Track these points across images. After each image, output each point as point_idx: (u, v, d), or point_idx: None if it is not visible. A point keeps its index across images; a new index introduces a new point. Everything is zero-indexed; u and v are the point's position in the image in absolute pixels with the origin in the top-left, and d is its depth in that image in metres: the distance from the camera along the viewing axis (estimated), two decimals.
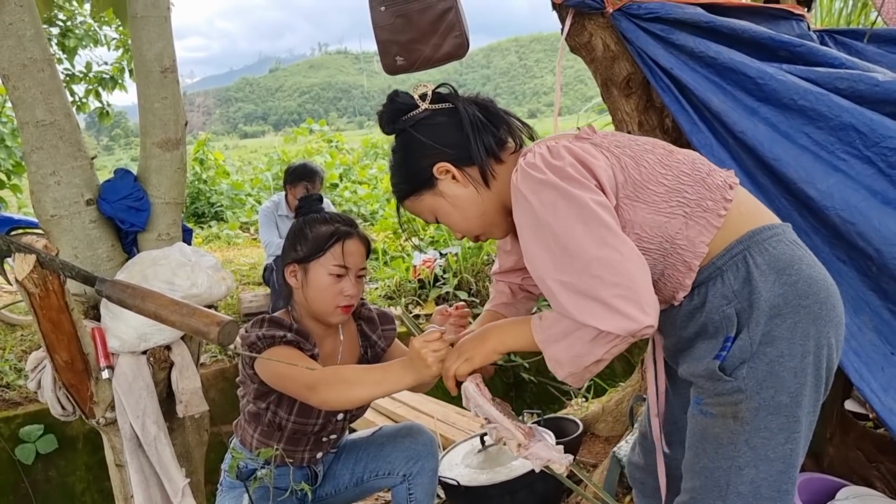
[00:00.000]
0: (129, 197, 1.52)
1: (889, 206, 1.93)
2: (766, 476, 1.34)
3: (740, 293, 1.30)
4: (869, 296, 1.97)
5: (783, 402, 1.30)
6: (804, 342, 1.29)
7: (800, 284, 1.29)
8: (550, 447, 1.43)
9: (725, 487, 1.38)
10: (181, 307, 1.08)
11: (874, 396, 1.90)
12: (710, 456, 1.39)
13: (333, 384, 1.61)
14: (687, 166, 1.34)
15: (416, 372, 1.49)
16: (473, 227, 1.47)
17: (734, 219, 1.33)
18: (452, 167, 1.38)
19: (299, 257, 1.84)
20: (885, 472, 2.51)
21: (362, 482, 2.13)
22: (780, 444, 1.32)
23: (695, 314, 1.36)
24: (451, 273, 5.74)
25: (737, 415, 1.32)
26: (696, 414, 1.42)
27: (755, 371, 1.29)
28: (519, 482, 2.39)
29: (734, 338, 1.30)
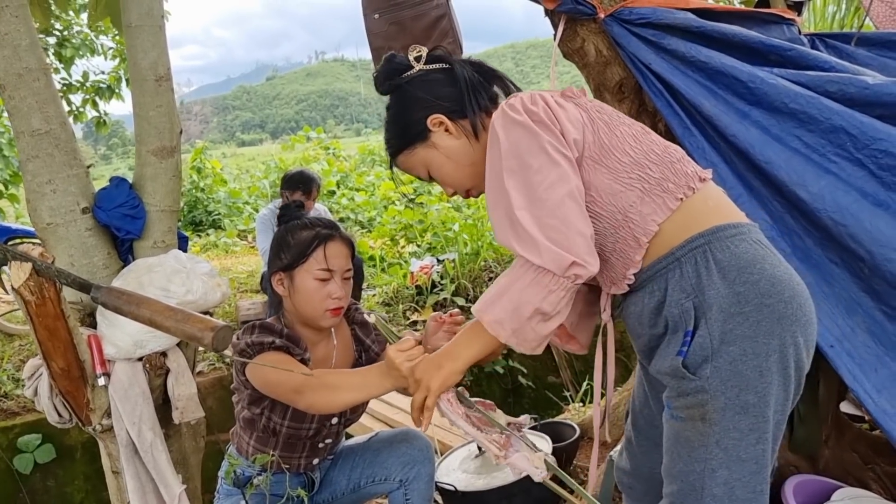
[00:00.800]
0: (125, 205, 1.53)
1: (880, 207, 1.95)
2: (740, 477, 1.34)
3: (696, 287, 1.31)
4: (862, 297, 1.98)
5: (750, 401, 1.30)
6: (768, 341, 1.29)
7: (762, 283, 1.29)
8: (528, 458, 1.43)
9: (701, 490, 1.38)
10: (176, 313, 1.09)
11: (868, 398, 1.91)
12: (684, 460, 1.39)
13: (318, 389, 1.62)
14: (658, 147, 1.37)
15: (393, 379, 1.51)
16: (464, 179, 1.51)
17: (698, 210, 1.35)
18: (446, 119, 1.43)
19: (284, 265, 1.85)
20: (880, 473, 2.52)
21: (359, 488, 2.14)
22: (752, 445, 1.32)
23: (660, 309, 1.36)
24: (449, 279, 5.75)
25: (704, 416, 1.32)
26: (668, 419, 1.42)
27: (718, 370, 1.29)
28: (516, 487, 2.40)
29: (693, 332, 1.31)
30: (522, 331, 1.31)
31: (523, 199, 1.27)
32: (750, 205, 2.02)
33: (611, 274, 1.43)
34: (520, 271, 1.28)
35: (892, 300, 1.93)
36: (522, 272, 1.27)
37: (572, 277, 1.26)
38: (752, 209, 2.03)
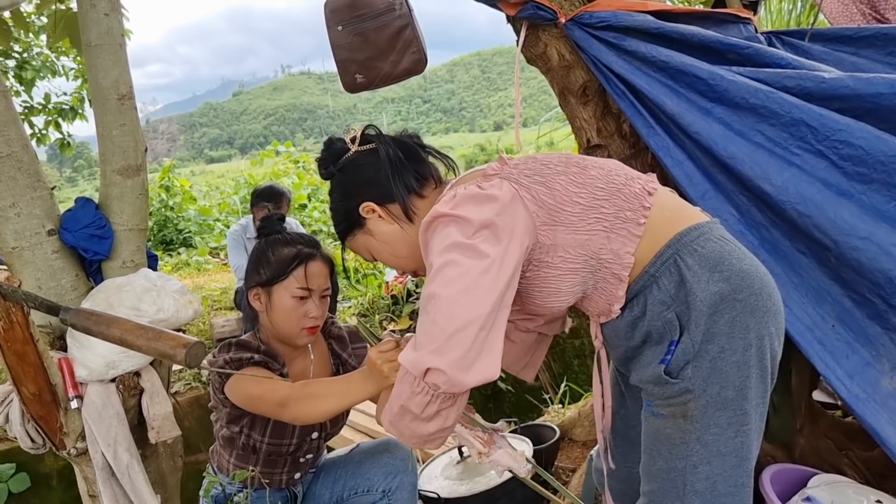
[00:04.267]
0: (91, 225, 1.51)
1: (843, 197, 1.99)
2: (721, 471, 1.36)
3: (677, 297, 1.31)
4: (830, 286, 2.02)
5: (729, 396, 1.31)
6: (744, 335, 1.31)
7: (733, 279, 1.30)
8: (511, 455, 1.44)
9: (682, 487, 1.39)
10: (147, 331, 1.08)
11: (840, 384, 1.95)
12: (665, 457, 1.40)
13: (302, 399, 1.62)
14: (601, 181, 1.34)
15: (375, 382, 1.51)
16: (404, 263, 1.49)
17: (658, 224, 1.35)
18: (376, 206, 1.41)
19: (262, 280, 1.83)
20: (854, 459, 2.56)
21: (342, 500, 2.13)
22: (731, 438, 1.34)
23: (637, 323, 1.37)
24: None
25: (686, 414, 1.34)
26: (647, 416, 1.43)
27: (699, 369, 1.30)
28: (499, 491, 2.40)
29: (678, 341, 1.32)
30: (397, 425, 1.29)
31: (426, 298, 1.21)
32: (716, 200, 2.05)
33: (595, 309, 1.44)
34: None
35: (859, 287, 1.97)
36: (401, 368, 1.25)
37: (431, 386, 1.18)
38: (719, 204, 2.06)
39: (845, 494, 1.96)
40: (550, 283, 1.33)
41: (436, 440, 1.28)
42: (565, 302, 1.38)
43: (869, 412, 1.91)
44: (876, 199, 2.01)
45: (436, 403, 1.21)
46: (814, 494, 1.91)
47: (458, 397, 1.22)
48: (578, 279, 1.34)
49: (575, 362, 6.29)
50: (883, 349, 2.00)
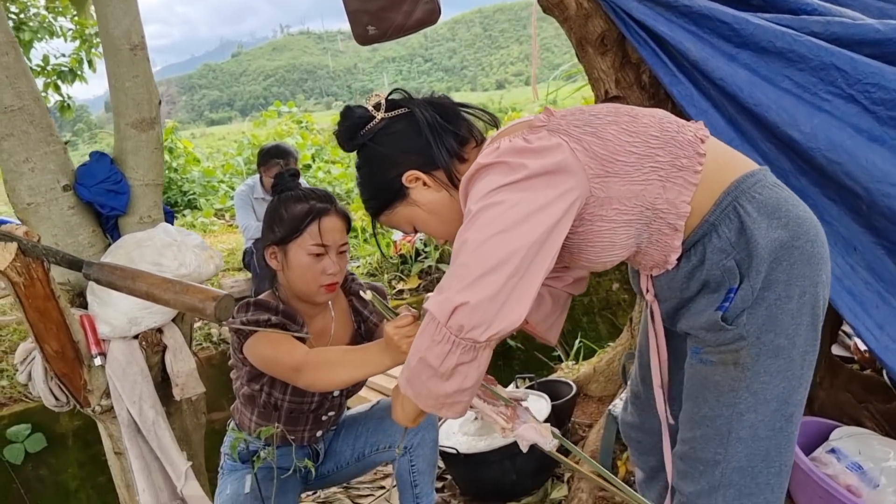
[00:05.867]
0: (108, 180, 1.48)
1: (875, 143, 1.93)
2: (763, 418, 1.36)
3: (737, 244, 1.29)
4: (861, 235, 1.98)
5: (781, 344, 1.31)
6: (801, 283, 1.29)
7: (791, 226, 1.29)
8: (535, 428, 1.42)
9: (727, 434, 1.39)
10: (174, 285, 1.05)
11: (869, 334, 1.92)
12: (711, 404, 1.39)
13: (317, 366, 1.60)
14: (654, 128, 1.30)
15: (392, 355, 1.48)
16: (453, 230, 1.43)
17: (713, 172, 1.31)
18: (421, 174, 1.35)
19: (277, 239, 1.80)
20: (873, 411, 2.55)
21: (364, 457, 2.13)
22: (776, 385, 1.34)
23: (695, 273, 1.35)
24: (433, 247, 5.72)
25: (737, 361, 1.33)
26: (695, 363, 1.42)
27: (755, 317, 1.29)
28: (517, 446, 2.39)
29: (737, 288, 1.30)
30: (413, 382, 1.22)
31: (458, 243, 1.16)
32: (742, 149, 2.00)
33: (649, 262, 1.40)
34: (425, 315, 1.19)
35: (891, 235, 1.93)
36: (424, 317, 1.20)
37: (455, 329, 1.12)
38: (745, 153, 2.01)
39: (870, 445, 1.95)
40: (605, 236, 1.29)
41: (454, 405, 1.22)
42: (619, 256, 1.34)
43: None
44: None
45: (456, 354, 1.15)
46: (839, 446, 1.90)
47: (480, 354, 1.16)
48: (633, 231, 1.30)
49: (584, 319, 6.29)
50: None
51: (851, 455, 1.85)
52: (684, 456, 1.49)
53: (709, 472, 1.43)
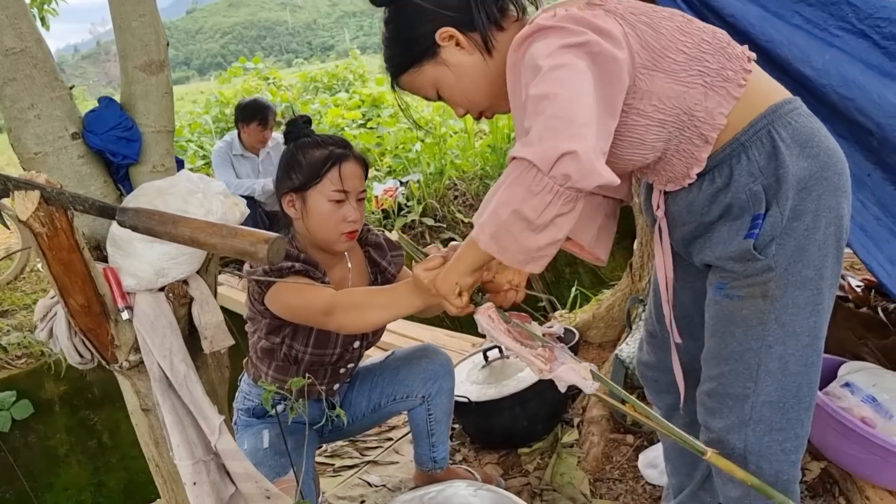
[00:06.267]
0: (119, 127, 1.40)
1: (887, 78, 1.93)
2: (794, 351, 1.37)
3: (766, 169, 1.28)
4: (872, 170, 1.99)
5: (809, 276, 1.32)
6: (828, 214, 1.29)
7: (821, 157, 1.29)
8: (575, 370, 1.39)
9: (756, 368, 1.40)
10: (221, 228, 1.00)
11: (881, 269, 1.94)
12: (739, 339, 1.40)
13: (348, 308, 1.56)
14: (707, 34, 1.29)
15: (423, 297, 1.44)
16: (480, 99, 1.40)
17: (754, 93, 1.30)
18: (457, 32, 1.31)
19: (295, 186, 1.76)
20: (872, 347, 2.60)
21: (380, 408, 2.11)
22: (806, 318, 1.35)
23: (718, 196, 1.34)
24: (415, 200, 5.67)
25: (766, 293, 1.33)
26: (720, 299, 1.42)
27: (784, 247, 1.30)
28: (529, 392, 2.41)
29: (764, 215, 1.29)
30: (501, 237, 1.15)
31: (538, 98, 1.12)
32: None
33: (669, 174, 1.38)
34: (509, 168, 1.14)
35: None
36: (511, 169, 1.13)
37: (560, 178, 1.06)
38: None
39: (883, 378, 1.98)
40: (636, 131, 1.28)
41: (541, 258, 1.16)
42: (644, 156, 1.32)
43: None
44: None
45: (556, 205, 1.09)
46: (852, 380, 1.93)
47: (577, 205, 1.11)
48: (664, 133, 1.28)
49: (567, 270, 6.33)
50: None
51: (866, 388, 1.88)
52: (712, 393, 1.50)
53: (738, 406, 1.44)
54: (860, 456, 1.88)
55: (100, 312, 1.24)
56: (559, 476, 2.26)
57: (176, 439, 1.31)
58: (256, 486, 1.44)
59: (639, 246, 2.82)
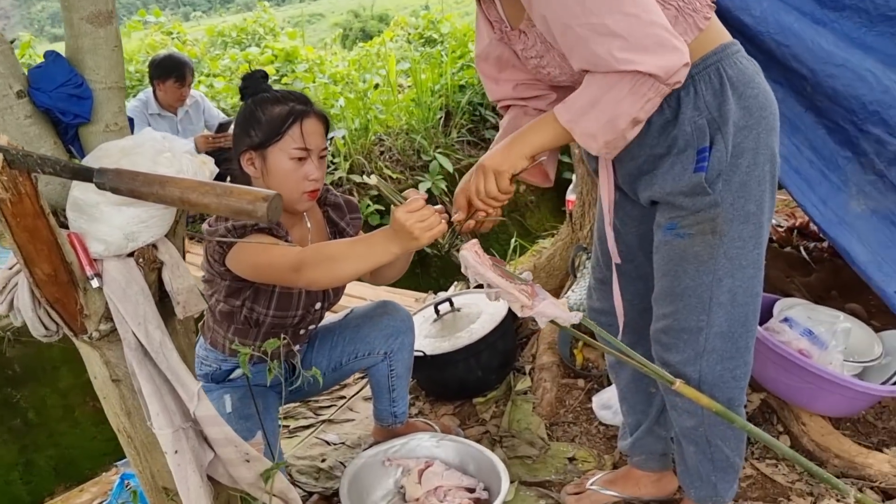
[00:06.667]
0: (68, 83, 1.30)
1: (819, 25, 2.03)
2: (741, 283, 1.49)
3: (711, 104, 1.37)
4: (804, 115, 2.09)
5: (751, 210, 1.43)
6: (765, 152, 1.41)
7: (760, 98, 1.42)
8: (555, 304, 1.44)
9: (708, 301, 1.50)
10: (214, 187, 0.96)
11: (815, 209, 2.05)
12: (692, 275, 1.50)
13: (319, 262, 1.54)
14: None
15: (401, 243, 1.44)
16: None
17: (708, 30, 1.38)
18: None
19: (255, 143, 1.71)
20: (798, 284, 2.77)
21: (341, 366, 2.11)
22: (751, 251, 1.47)
23: (667, 127, 1.42)
24: (342, 157, 5.57)
25: (715, 229, 1.44)
26: (670, 239, 1.50)
27: (729, 183, 1.41)
28: (482, 343, 2.45)
29: (710, 149, 1.38)
30: (615, 142, 1.31)
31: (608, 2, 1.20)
32: None
33: None
34: (613, 79, 1.23)
35: (832, 115, 2.05)
36: (616, 80, 1.23)
37: (673, 84, 1.25)
38: None
39: (817, 312, 2.11)
40: None
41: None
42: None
43: (841, 234, 2.03)
44: (848, 26, 2.06)
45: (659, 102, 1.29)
46: (791, 315, 2.05)
47: None
48: None
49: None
50: (851, 174, 2.11)
51: (803, 322, 2.01)
52: (667, 329, 1.59)
53: (693, 339, 1.54)
54: (797, 385, 2.01)
55: (67, 281, 1.18)
56: (516, 422, 2.33)
57: (154, 408, 1.27)
58: (236, 451, 1.42)
59: (579, 195, 2.88)
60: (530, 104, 1.62)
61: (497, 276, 1.39)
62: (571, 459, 2.16)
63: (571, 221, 3.01)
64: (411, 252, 1.56)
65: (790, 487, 1.94)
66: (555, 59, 1.42)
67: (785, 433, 2.12)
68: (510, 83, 1.59)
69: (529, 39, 1.44)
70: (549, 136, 1.36)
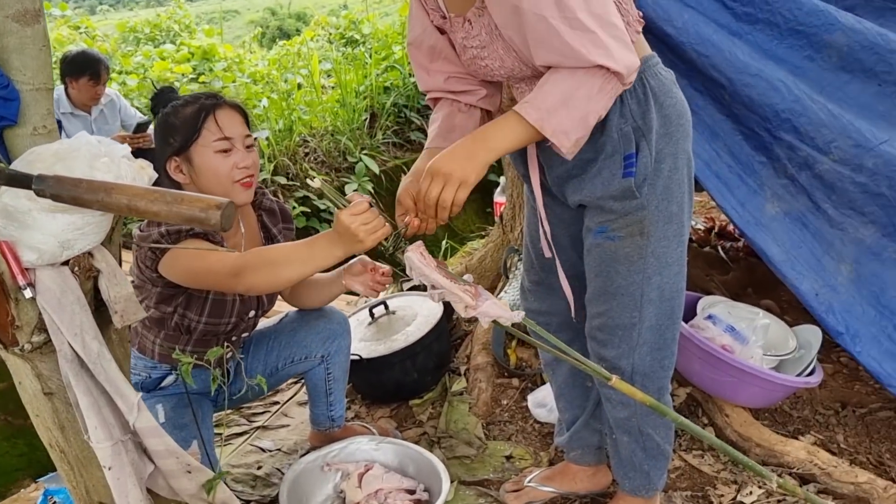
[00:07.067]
0: None
1: (735, 37, 2.14)
2: (668, 279, 1.59)
3: (636, 112, 1.46)
4: (723, 122, 2.21)
5: (674, 211, 1.53)
6: (683, 156, 1.51)
7: (677, 106, 1.52)
8: (497, 304, 1.48)
9: (640, 298, 1.59)
10: (164, 194, 0.93)
11: (734, 211, 2.16)
12: (623, 275, 1.58)
13: (259, 267, 1.52)
14: None
15: (345, 246, 1.44)
16: None
17: (636, 43, 1.46)
18: None
19: (176, 147, 1.70)
20: (717, 282, 2.91)
21: (277, 371, 2.08)
22: (675, 249, 1.57)
23: (595, 134, 1.49)
24: (266, 158, 5.47)
25: (643, 230, 1.53)
26: (601, 242, 1.58)
27: (654, 187, 1.51)
28: (418, 345, 2.47)
29: (636, 155, 1.47)
30: (583, 139, 1.37)
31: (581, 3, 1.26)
32: None
33: None
34: (584, 77, 1.28)
35: (748, 122, 2.17)
36: (587, 78, 1.28)
37: (627, 85, 1.35)
38: None
39: (737, 308, 2.23)
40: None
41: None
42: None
43: (758, 235, 2.15)
44: (761, 38, 2.18)
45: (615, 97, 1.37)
46: (714, 313, 2.16)
47: None
48: None
49: None
50: (766, 178, 2.24)
51: (725, 319, 2.11)
52: (602, 327, 1.66)
53: (627, 335, 1.62)
54: (721, 379, 2.12)
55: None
56: (453, 423, 2.35)
57: (93, 421, 1.23)
58: (177, 462, 1.38)
59: (509, 198, 2.93)
60: (461, 98, 1.64)
61: (442, 277, 1.41)
62: (509, 458, 2.21)
63: (502, 223, 3.06)
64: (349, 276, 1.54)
65: (716, 477, 2.04)
66: (496, 52, 1.45)
67: (710, 425, 2.22)
68: (442, 74, 1.61)
69: (474, 29, 1.45)
70: (515, 138, 1.36)
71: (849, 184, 2.07)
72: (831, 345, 2.30)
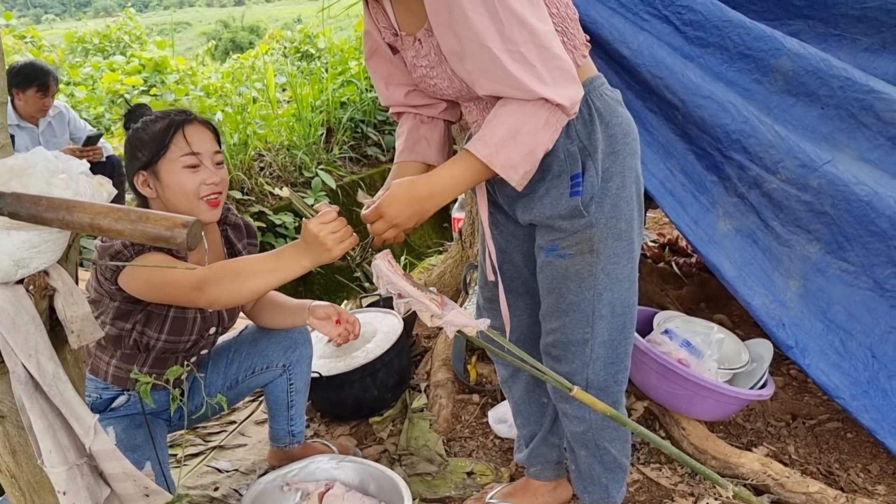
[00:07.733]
0: None
1: (687, 59, 2.21)
2: (619, 295, 1.62)
3: (582, 133, 1.49)
4: (677, 142, 2.26)
5: (623, 228, 1.57)
6: (630, 174, 1.54)
7: (623, 125, 1.55)
8: (462, 313, 1.49)
9: (591, 314, 1.62)
10: (128, 213, 0.92)
11: (688, 229, 2.22)
12: (574, 292, 1.61)
13: (223, 279, 1.51)
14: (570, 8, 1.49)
15: (313, 256, 1.45)
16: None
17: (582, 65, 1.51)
18: None
19: (144, 162, 1.68)
20: (672, 297, 2.96)
21: (237, 384, 2.06)
22: (625, 265, 1.60)
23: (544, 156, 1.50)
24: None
25: (592, 248, 1.56)
26: (552, 260, 1.61)
27: (602, 205, 1.54)
28: (378, 362, 2.46)
29: (582, 175, 1.50)
30: (531, 172, 1.39)
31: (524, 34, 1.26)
32: None
33: None
34: (530, 111, 1.30)
35: (700, 142, 2.23)
36: (534, 111, 1.30)
37: (572, 115, 1.36)
38: None
39: (693, 323, 2.28)
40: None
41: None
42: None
43: (711, 252, 2.21)
44: (712, 61, 2.25)
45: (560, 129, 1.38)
46: (671, 328, 2.20)
47: None
48: None
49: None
50: (717, 196, 2.30)
51: (682, 334, 2.16)
52: (556, 343, 1.69)
53: (580, 351, 1.65)
54: (678, 392, 2.16)
55: None
56: (414, 440, 2.34)
57: (47, 445, 1.19)
58: (135, 485, 1.35)
59: (468, 214, 2.96)
60: (422, 112, 1.67)
61: (409, 285, 1.42)
62: (470, 474, 2.21)
63: (461, 239, 3.08)
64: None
65: (673, 489, 2.07)
66: (445, 72, 1.47)
67: (666, 438, 2.26)
68: (401, 89, 1.64)
69: (423, 48, 1.48)
70: (467, 177, 1.39)
71: (795, 202, 2.14)
72: (781, 358, 2.37)
